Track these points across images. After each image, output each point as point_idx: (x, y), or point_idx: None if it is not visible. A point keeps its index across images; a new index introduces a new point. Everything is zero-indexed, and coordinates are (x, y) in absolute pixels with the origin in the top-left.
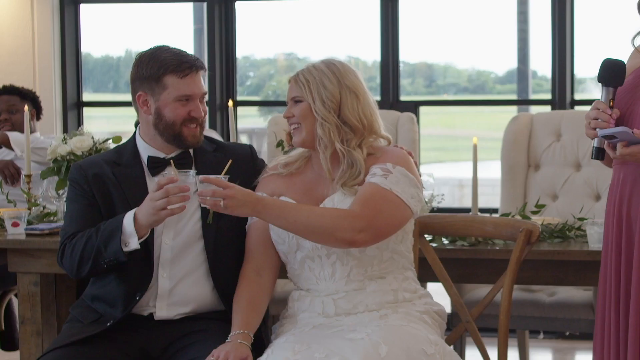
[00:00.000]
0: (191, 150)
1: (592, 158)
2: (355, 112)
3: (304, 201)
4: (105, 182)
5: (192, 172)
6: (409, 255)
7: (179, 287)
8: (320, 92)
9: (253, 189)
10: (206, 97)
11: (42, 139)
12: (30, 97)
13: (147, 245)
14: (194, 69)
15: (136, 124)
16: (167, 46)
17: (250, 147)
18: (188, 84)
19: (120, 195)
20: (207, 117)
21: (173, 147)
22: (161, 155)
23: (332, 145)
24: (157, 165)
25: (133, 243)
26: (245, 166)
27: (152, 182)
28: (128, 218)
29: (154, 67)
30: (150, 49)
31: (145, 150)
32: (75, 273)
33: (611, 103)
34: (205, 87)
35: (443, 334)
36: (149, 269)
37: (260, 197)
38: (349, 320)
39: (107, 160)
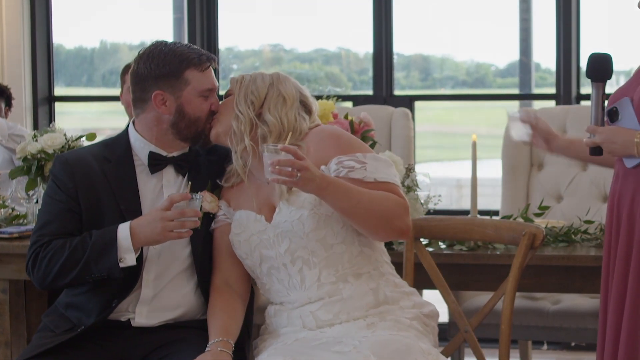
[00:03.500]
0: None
1: (590, 154)
2: (277, 112)
3: (264, 210)
4: (93, 182)
5: (200, 195)
6: (379, 246)
7: (162, 293)
8: (247, 88)
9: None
10: None
11: (19, 127)
12: (7, 94)
13: None
14: (211, 61)
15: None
16: (167, 41)
17: None
18: (208, 77)
19: (109, 196)
20: None
21: (183, 144)
22: (163, 152)
23: (242, 140)
24: (158, 163)
25: (129, 259)
26: None
27: (144, 182)
28: (123, 232)
29: (174, 63)
30: (157, 44)
31: (145, 147)
32: (47, 284)
33: (603, 98)
34: None
35: (436, 339)
36: (133, 276)
37: (325, 174)
38: (333, 331)
39: (96, 155)
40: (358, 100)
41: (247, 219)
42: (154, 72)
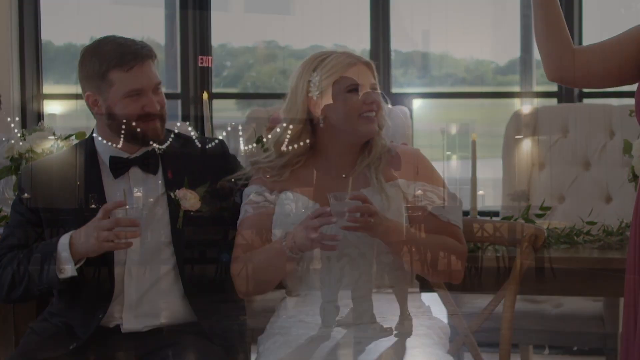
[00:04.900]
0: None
1: None
2: None
3: (315, 196)
4: (57, 190)
5: (140, 204)
6: None
7: (147, 296)
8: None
9: (234, 186)
10: (163, 87)
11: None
12: None
13: (111, 252)
14: (139, 60)
15: None
16: (113, 36)
17: (221, 141)
18: (135, 76)
19: (75, 203)
20: (165, 108)
21: (136, 145)
22: (124, 155)
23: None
24: (119, 167)
25: (69, 270)
26: (217, 162)
27: (111, 186)
28: (63, 242)
29: (96, 64)
30: (94, 42)
31: (106, 151)
32: (4, 298)
33: None
34: (158, 76)
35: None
36: (111, 281)
37: (387, 217)
38: (348, 332)
39: (62, 162)
40: None
41: (297, 202)
42: (82, 73)
